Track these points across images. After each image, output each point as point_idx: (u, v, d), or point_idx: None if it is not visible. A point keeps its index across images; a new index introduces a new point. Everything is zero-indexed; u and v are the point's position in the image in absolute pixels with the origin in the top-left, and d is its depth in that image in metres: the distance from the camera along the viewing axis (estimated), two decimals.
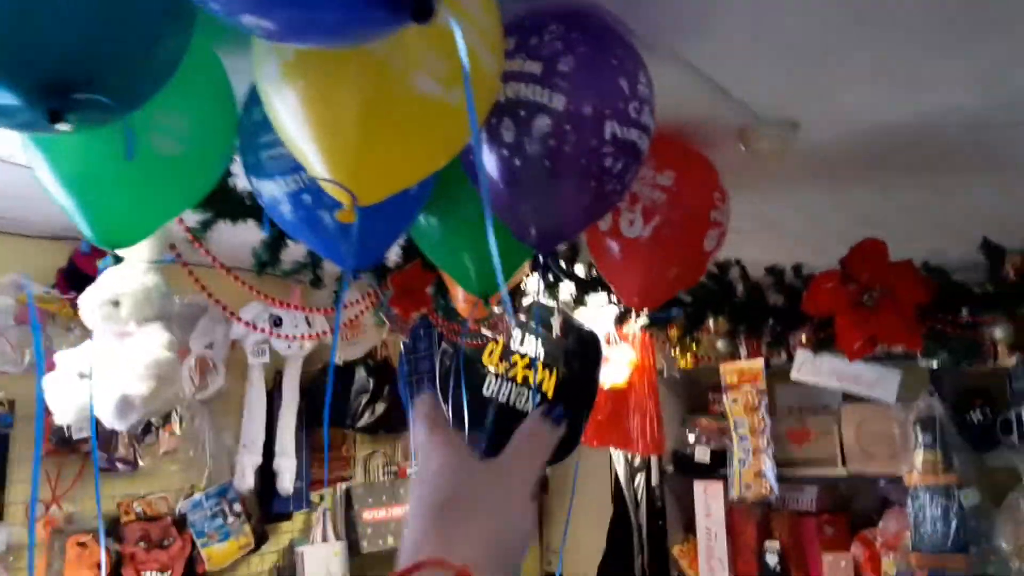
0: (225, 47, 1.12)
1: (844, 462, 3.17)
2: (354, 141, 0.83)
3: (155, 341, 1.73)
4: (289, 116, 0.86)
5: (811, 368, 2.87)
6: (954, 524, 2.67)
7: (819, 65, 1.37)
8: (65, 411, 1.91)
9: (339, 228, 1.30)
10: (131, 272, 1.50)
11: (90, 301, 1.71)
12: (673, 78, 1.39)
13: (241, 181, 1.38)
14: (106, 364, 1.77)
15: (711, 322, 1.93)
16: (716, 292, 1.90)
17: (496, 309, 2.36)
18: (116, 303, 1.66)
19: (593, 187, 1.14)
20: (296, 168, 1.09)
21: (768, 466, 3.11)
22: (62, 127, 0.72)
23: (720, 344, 2.05)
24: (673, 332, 2.03)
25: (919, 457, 2.61)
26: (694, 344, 1.96)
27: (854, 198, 2.16)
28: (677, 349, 2.52)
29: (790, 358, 2.90)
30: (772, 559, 3.19)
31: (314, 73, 0.83)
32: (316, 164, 0.86)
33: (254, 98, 1.08)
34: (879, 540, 2.99)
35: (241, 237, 1.59)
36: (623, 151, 1.14)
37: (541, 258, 1.18)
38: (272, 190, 1.27)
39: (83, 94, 0.72)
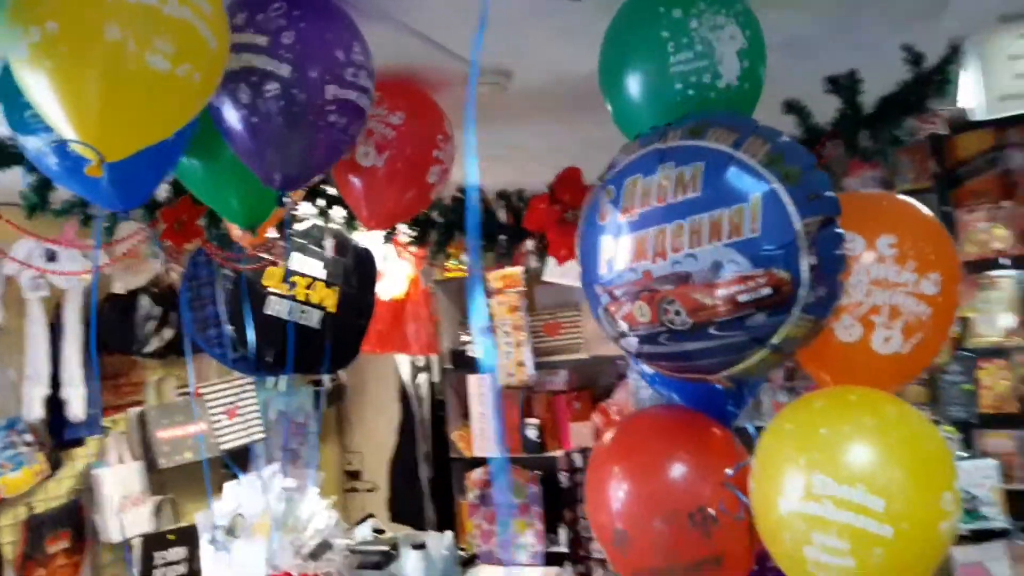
0: None
1: (588, 348, 3.78)
2: (98, 110, 1.02)
3: None
4: (39, 90, 1.03)
5: (558, 270, 3.35)
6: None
7: (524, 26, 1.70)
8: None
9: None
10: None
11: None
12: (403, 41, 1.68)
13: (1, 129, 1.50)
14: None
15: None
16: (459, 213, 2.26)
17: (270, 235, 2.58)
18: None
19: (322, 139, 1.43)
20: None
21: (527, 356, 3.64)
22: None
23: (464, 258, 2.43)
24: (427, 249, 2.38)
25: None
26: (447, 259, 2.32)
27: (579, 128, 2.59)
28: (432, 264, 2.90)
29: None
30: (532, 433, 3.78)
31: (60, 56, 1.00)
32: (65, 129, 1.04)
33: None
34: (613, 409, 3.63)
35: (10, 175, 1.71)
36: (344, 109, 1.42)
37: (283, 197, 1.44)
38: (36, 144, 1.43)
39: None
